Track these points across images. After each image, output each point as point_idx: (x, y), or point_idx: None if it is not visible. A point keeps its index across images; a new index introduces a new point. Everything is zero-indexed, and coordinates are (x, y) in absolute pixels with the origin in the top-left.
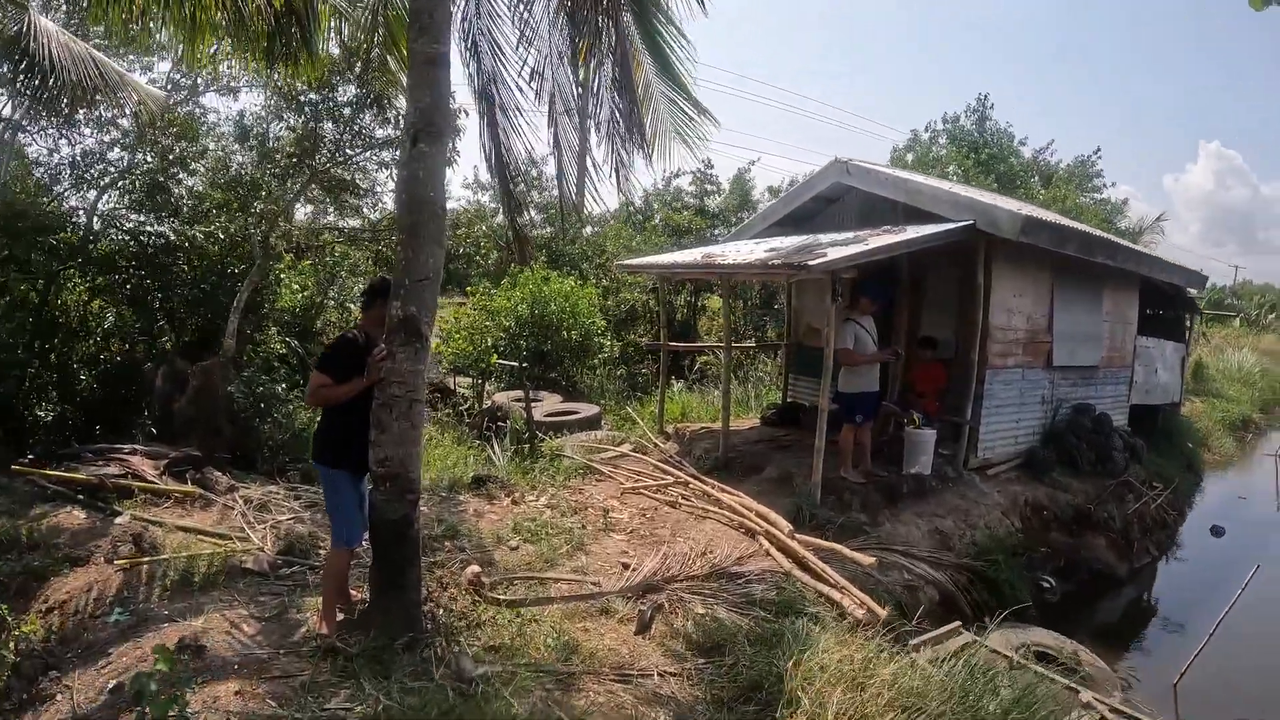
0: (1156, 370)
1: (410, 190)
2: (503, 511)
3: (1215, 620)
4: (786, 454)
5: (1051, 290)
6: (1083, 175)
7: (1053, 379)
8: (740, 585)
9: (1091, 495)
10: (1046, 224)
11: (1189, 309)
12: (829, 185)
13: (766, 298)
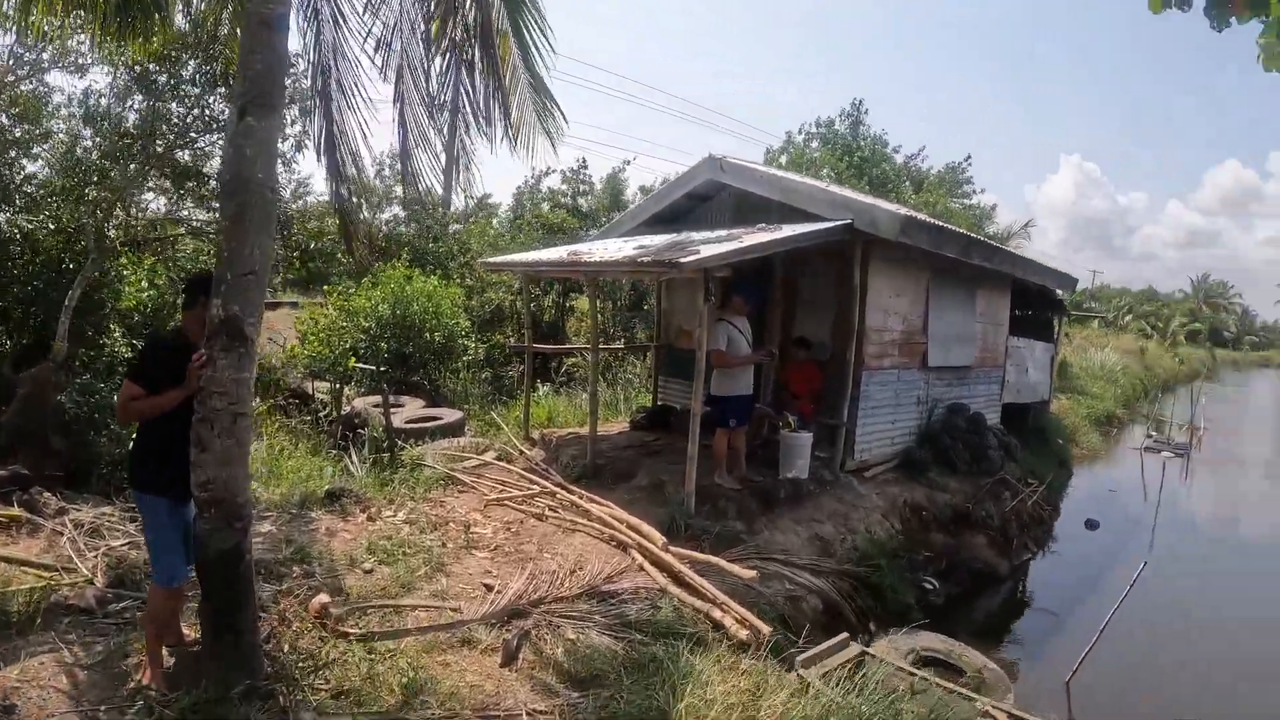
0: (1027, 370)
1: (236, 170)
2: (357, 529)
3: (1102, 616)
4: (658, 460)
5: (927, 291)
6: (953, 181)
7: (928, 379)
8: (614, 605)
9: (969, 494)
10: (926, 224)
11: (1057, 310)
12: (702, 182)
13: (636, 298)
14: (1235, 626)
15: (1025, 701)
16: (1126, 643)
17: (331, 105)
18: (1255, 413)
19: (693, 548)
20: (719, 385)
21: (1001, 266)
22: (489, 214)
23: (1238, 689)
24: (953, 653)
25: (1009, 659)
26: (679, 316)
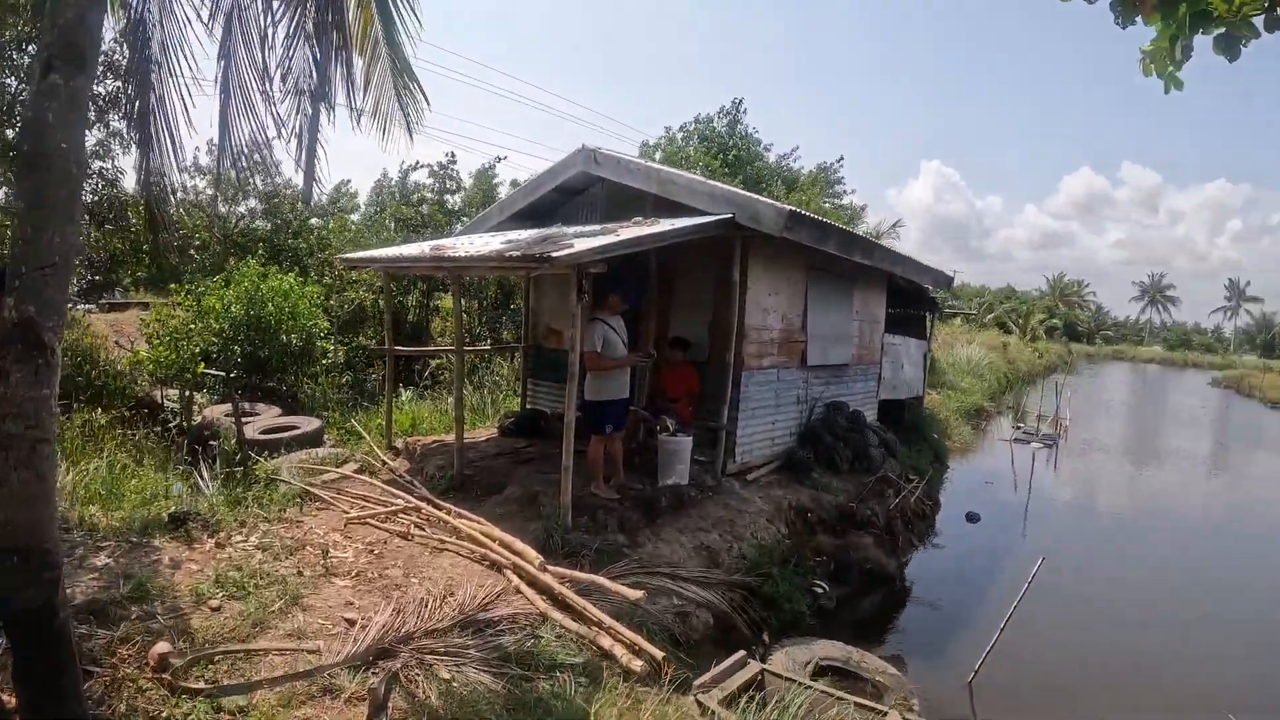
0: (903, 366)
1: (36, 138)
2: (205, 558)
3: (995, 611)
4: (530, 469)
5: (805, 289)
6: (825, 181)
7: (807, 378)
8: (491, 636)
9: (853, 493)
10: (810, 219)
11: (930, 308)
12: (574, 175)
13: (503, 296)
14: (1120, 610)
15: (929, 704)
16: (1020, 635)
17: (150, 70)
18: (1113, 402)
19: (572, 565)
20: (593, 389)
21: (882, 264)
22: (349, 206)
23: (1130, 672)
24: (851, 659)
25: (905, 657)
26: (548, 315)
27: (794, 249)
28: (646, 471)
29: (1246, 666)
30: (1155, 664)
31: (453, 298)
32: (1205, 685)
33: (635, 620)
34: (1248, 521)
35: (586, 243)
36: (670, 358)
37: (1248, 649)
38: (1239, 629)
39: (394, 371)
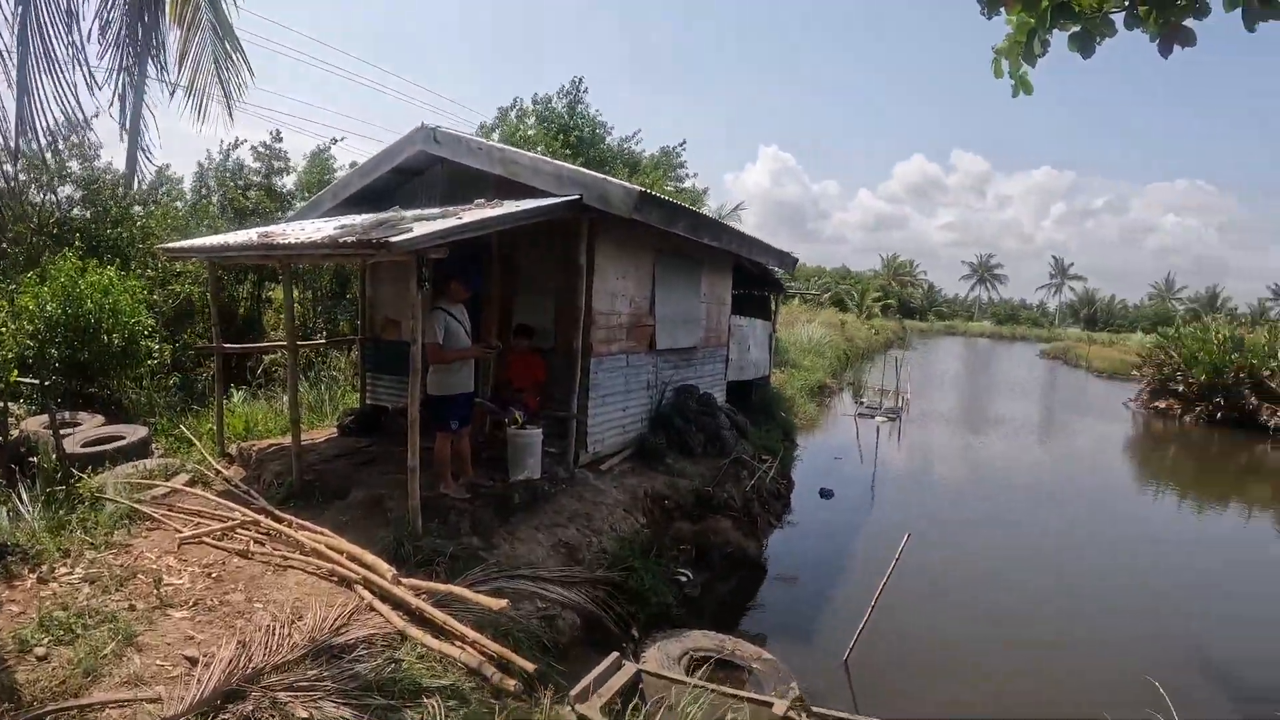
0: (750, 347)
1: None
2: (27, 597)
3: (860, 586)
4: (374, 470)
5: (653, 272)
6: (668, 164)
7: (656, 363)
8: (347, 664)
9: (708, 477)
10: (660, 200)
11: (774, 288)
12: (413, 155)
13: (339, 286)
14: (972, 577)
15: (807, 686)
16: (883, 608)
17: None
18: (949, 375)
19: (427, 575)
20: (436, 383)
21: (730, 246)
22: (174, 192)
23: (988, 634)
24: (725, 648)
25: (776, 639)
26: (386, 305)
27: (642, 232)
28: (497, 467)
29: (1097, 620)
30: (1010, 625)
31: (284, 289)
32: (1066, 642)
33: (500, 630)
34: (1080, 482)
35: (427, 227)
36: (515, 347)
37: (1096, 604)
38: (1084, 586)
39: (224, 371)
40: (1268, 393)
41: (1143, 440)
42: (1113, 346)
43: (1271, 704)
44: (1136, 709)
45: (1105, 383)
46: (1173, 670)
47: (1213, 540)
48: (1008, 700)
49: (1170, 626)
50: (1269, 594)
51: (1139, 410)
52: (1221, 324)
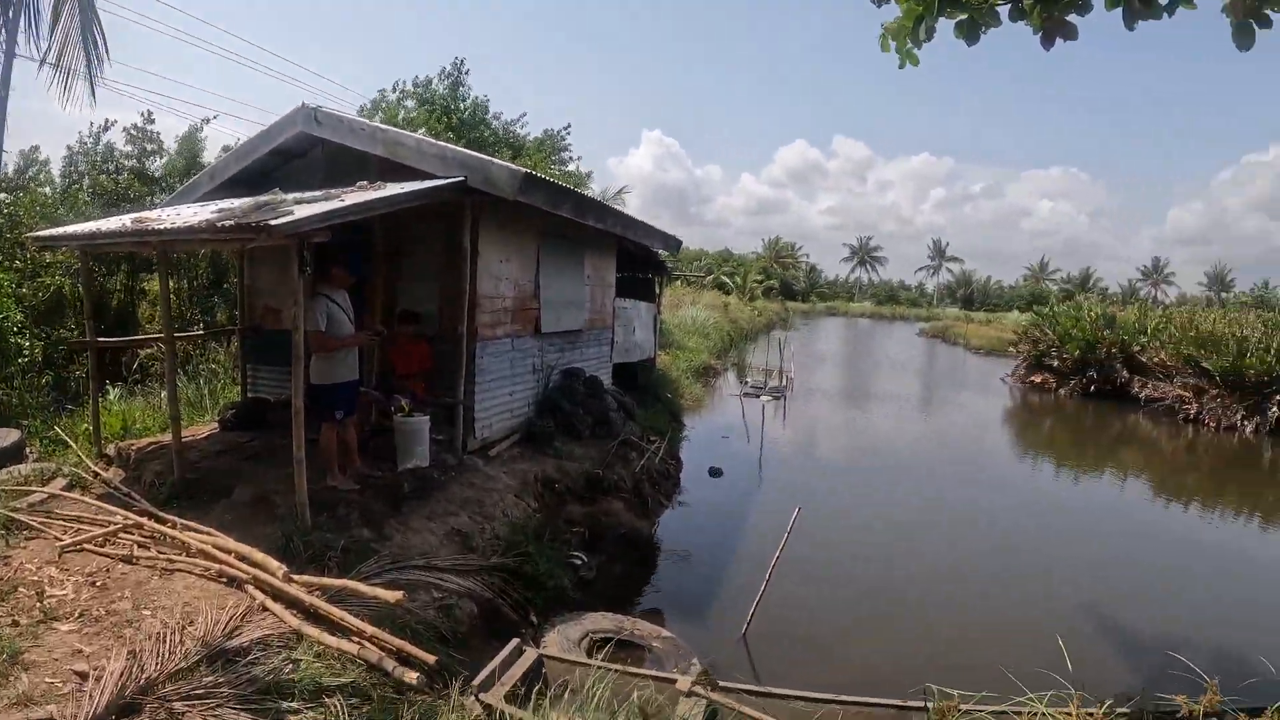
0: (635, 329)
1: None
2: None
3: (752, 562)
4: (259, 465)
5: (537, 255)
6: (552, 148)
7: (542, 346)
8: (243, 668)
9: (598, 459)
10: (545, 183)
11: (658, 270)
12: (293, 136)
13: (217, 274)
14: (866, 548)
15: (708, 661)
16: (776, 581)
17: None
18: (831, 353)
19: (319, 570)
20: (319, 372)
21: (614, 228)
22: (42, 177)
23: (883, 607)
24: (624, 628)
25: (673, 617)
26: (266, 293)
27: (526, 214)
28: (385, 456)
29: (985, 584)
30: (900, 592)
31: (160, 278)
32: (955, 606)
33: (398, 623)
34: (963, 454)
35: (308, 209)
36: (400, 333)
37: (983, 569)
38: (970, 552)
39: (98, 367)
40: (1138, 366)
41: (1020, 413)
42: (990, 325)
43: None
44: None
45: (983, 359)
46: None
47: (1091, 505)
48: (903, 664)
49: (1055, 587)
50: (1146, 554)
51: (1015, 385)
52: (1094, 303)
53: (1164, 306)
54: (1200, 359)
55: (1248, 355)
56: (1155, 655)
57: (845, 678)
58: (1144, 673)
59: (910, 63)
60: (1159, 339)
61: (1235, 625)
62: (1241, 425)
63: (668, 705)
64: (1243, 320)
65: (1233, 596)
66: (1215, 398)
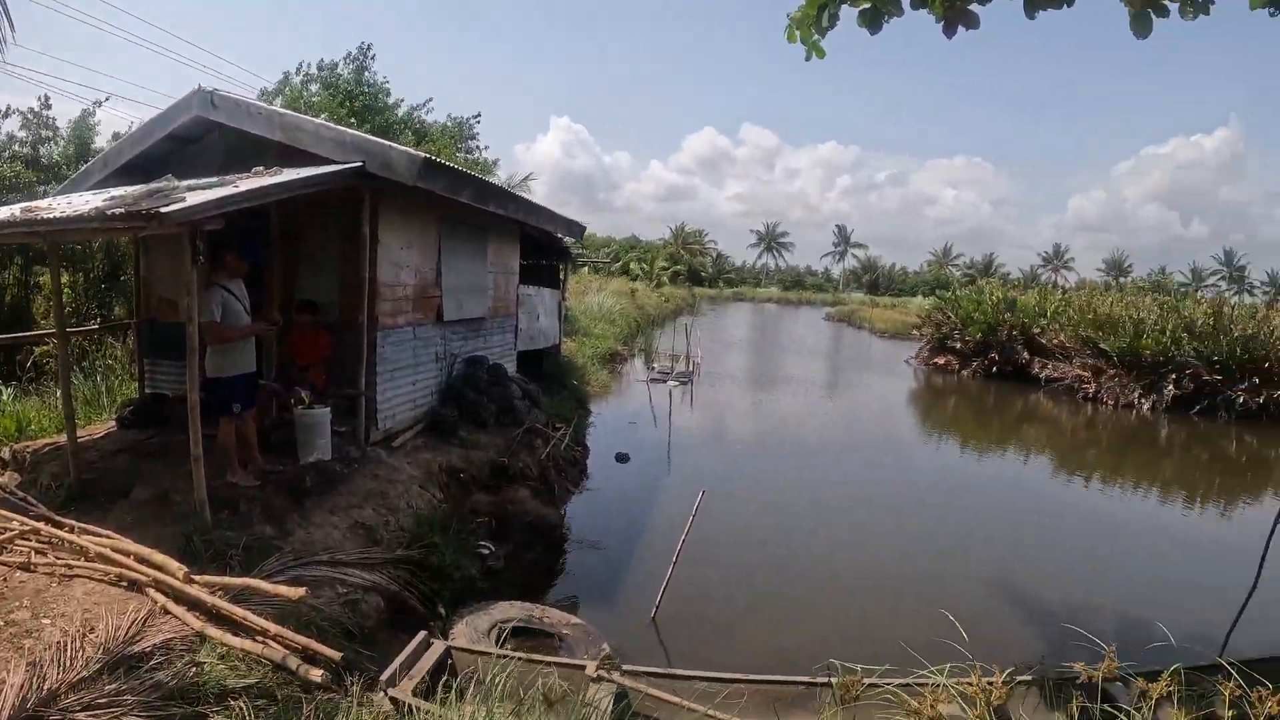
0: (539, 316)
1: None
2: None
3: (663, 547)
4: (158, 464)
5: (438, 242)
6: (458, 134)
7: (445, 334)
8: (147, 673)
9: (503, 448)
10: (445, 168)
11: (562, 257)
12: (189, 121)
13: (112, 266)
14: (773, 529)
15: (618, 646)
16: (685, 565)
17: None
18: (739, 338)
19: (221, 570)
20: (215, 365)
21: (516, 214)
22: None
23: (789, 586)
24: (533, 617)
25: (583, 603)
26: (162, 284)
27: (427, 200)
28: (286, 450)
29: (889, 561)
30: (807, 571)
31: (52, 271)
32: (861, 584)
33: (303, 620)
34: (868, 434)
35: (201, 196)
36: (299, 322)
37: (888, 546)
38: (876, 531)
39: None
40: (1038, 348)
41: (925, 394)
42: (895, 310)
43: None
44: (935, 640)
45: (888, 342)
46: (963, 601)
47: (995, 483)
48: (810, 642)
49: (959, 563)
50: (1048, 529)
51: (920, 367)
52: (996, 287)
53: (1064, 290)
54: (1098, 340)
55: (1144, 337)
56: (1056, 626)
57: (753, 657)
58: (1045, 643)
59: (817, 54)
60: (1058, 321)
61: (1133, 595)
62: (1139, 403)
63: (574, 692)
64: (1139, 304)
65: (1131, 567)
66: (1113, 377)
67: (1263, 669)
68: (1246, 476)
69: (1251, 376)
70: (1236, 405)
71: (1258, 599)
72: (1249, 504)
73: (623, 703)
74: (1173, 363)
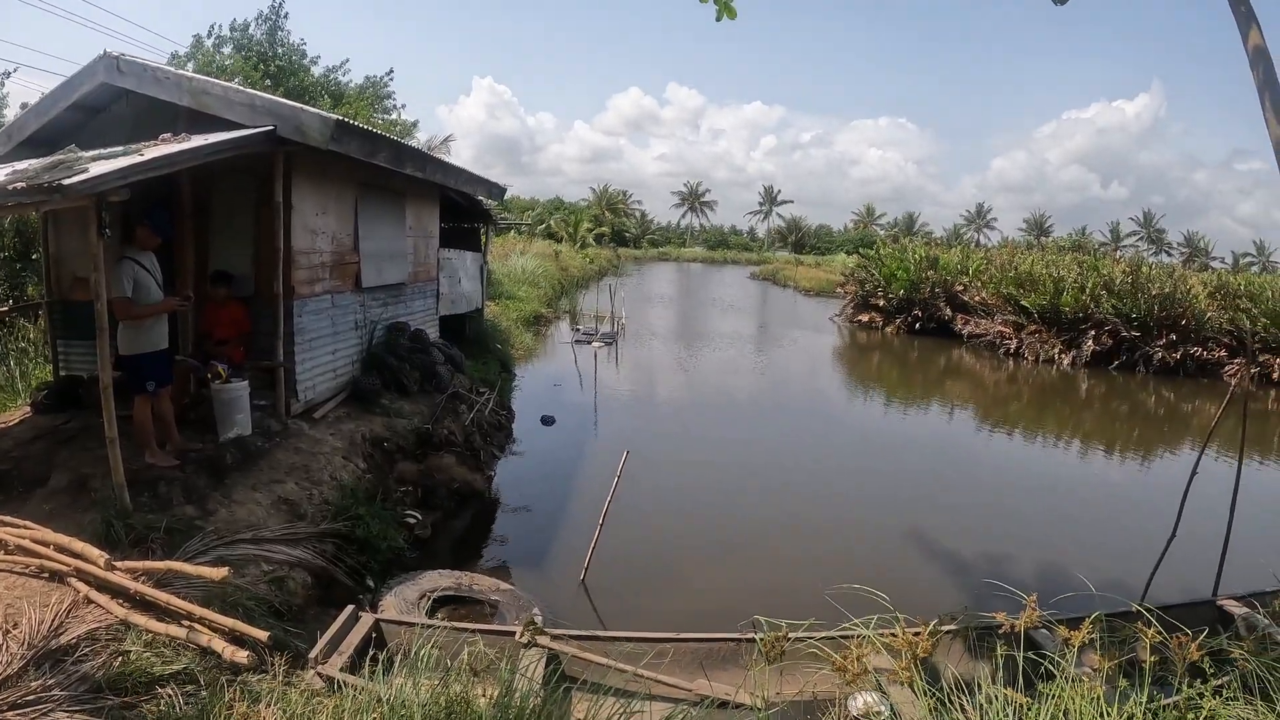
0: (461, 280)
1: None
2: None
3: (593, 509)
4: (75, 449)
5: (355, 207)
6: (374, 95)
7: (364, 301)
8: (73, 666)
9: (427, 415)
10: (359, 130)
11: (484, 220)
12: (96, 88)
13: (24, 245)
14: (700, 487)
15: (549, 610)
16: (615, 526)
17: None
18: (664, 297)
19: (143, 554)
20: (128, 342)
21: (434, 176)
22: None
23: (717, 543)
24: (463, 585)
25: (512, 568)
26: (73, 262)
27: (342, 164)
28: (205, 427)
29: (818, 516)
30: (734, 529)
31: None
32: (788, 539)
33: (229, 601)
34: (794, 389)
35: (105, 166)
36: (214, 296)
37: (816, 502)
38: (803, 486)
39: None
40: (960, 305)
41: (850, 350)
42: (819, 268)
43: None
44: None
45: (813, 300)
46: (886, 555)
47: (919, 437)
48: (736, 599)
49: (883, 518)
50: (971, 481)
51: (844, 324)
52: (919, 245)
53: (986, 249)
54: (1019, 297)
55: (1064, 294)
56: (979, 578)
57: (682, 616)
58: (969, 594)
59: (728, 15)
60: (981, 279)
61: (1054, 546)
62: (1059, 358)
63: (500, 658)
64: (1060, 262)
65: (1052, 519)
66: (1034, 333)
67: (1181, 614)
68: (1164, 429)
69: (1169, 333)
70: (1154, 361)
71: (1176, 547)
72: (1166, 456)
73: (553, 666)
74: (1092, 319)
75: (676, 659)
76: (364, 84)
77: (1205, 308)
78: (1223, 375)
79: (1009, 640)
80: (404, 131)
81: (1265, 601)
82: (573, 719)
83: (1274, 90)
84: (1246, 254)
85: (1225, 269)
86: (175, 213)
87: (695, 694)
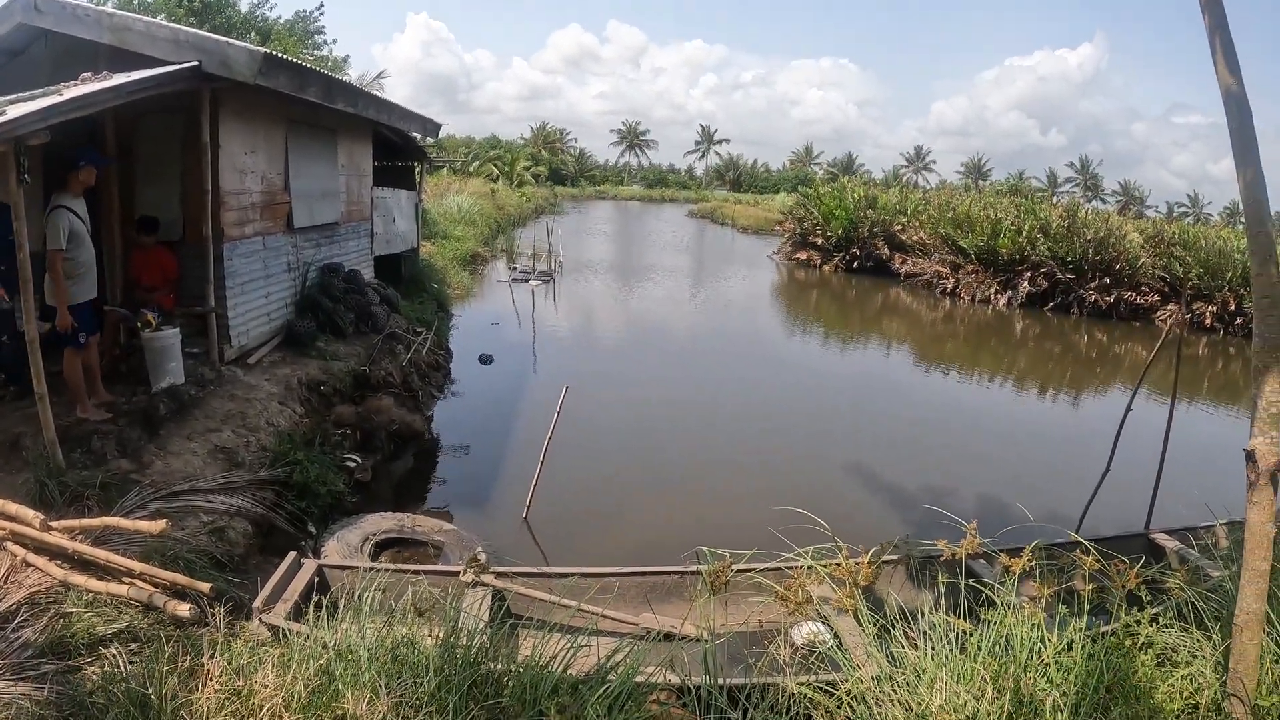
0: (395, 220)
1: None
2: None
3: (534, 446)
4: (4, 408)
5: (285, 145)
6: (304, 31)
7: (296, 242)
8: (12, 632)
9: (364, 357)
10: (288, 64)
11: (419, 158)
12: (13, 29)
13: None
14: (640, 423)
15: (493, 548)
16: (557, 462)
17: None
18: (602, 234)
19: (80, 512)
20: (54, 294)
21: (366, 112)
22: None
23: (657, 477)
24: (405, 527)
25: (455, 508)
26: None
27: (271, 101)
28: (137, 378)
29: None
30: (675, 462)
31: None
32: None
33: (169, 555)
34: (732, 325)
35: (24, 108)
36: (140, 242)
37: (755, 436)
38: (743, 421)
39: None
40: (898, 244)
41: (788, 287)
42: (757, 206)
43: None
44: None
45: (751, 238)
46: (829, 490)
47: (857, 373)
48: (679, 532)
49: (823, 451)
50: (910, 417)
51: (782, 262)
52: (857, 185)
53: (924, 190)
54: (957, 238)
55: (1001, 236)
56: (919, 509)
57: (626, 550)
58: (909, 525)
59: None
60: (919, 219)
61: (993, 479)
62: (995, 299)
63: (445, 598)
64: (997, 205)
65: (989, 454)
66: (971, 274)
67: (1115, 545)
68: (1097, 370)
69: (1103, 277)
70: (1088, 303)
71: (1109, 483)
72: (1100, 395)
73: (498, 604)
74: (1028, 261)
75: (621, 593)
76: (293, 19)
77: (1139, 254)
78: (1155, 319)
79: (950, 568)
80: (335, 68)
81: (1197, 536)
82: (520, 656)
83: (1224, 34)
84: (1180, 205)
85: (1160, 217)
86: (99, 155)
87: (641, 627)
